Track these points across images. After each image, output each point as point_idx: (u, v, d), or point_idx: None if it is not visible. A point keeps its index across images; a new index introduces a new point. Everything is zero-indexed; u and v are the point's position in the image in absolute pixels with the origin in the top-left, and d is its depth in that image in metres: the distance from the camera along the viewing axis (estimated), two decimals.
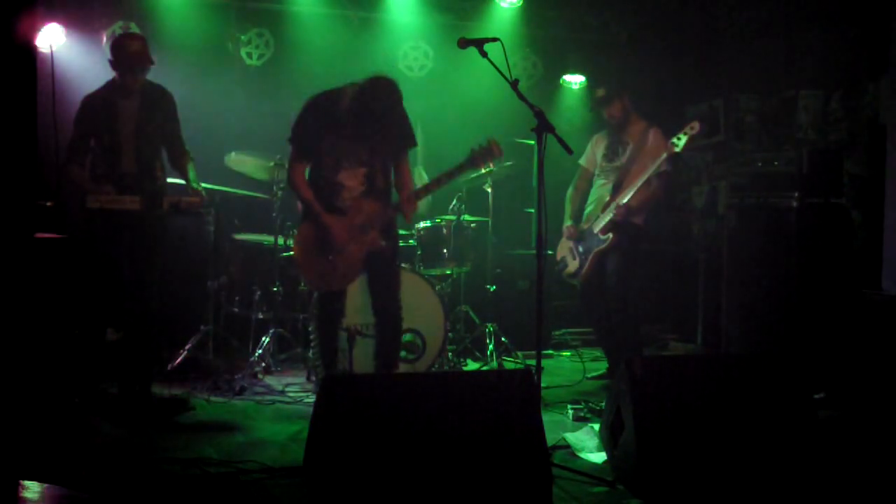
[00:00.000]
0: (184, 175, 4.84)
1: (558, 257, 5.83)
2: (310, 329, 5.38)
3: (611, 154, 5.67)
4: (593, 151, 5.80)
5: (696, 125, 5.37)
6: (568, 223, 5.77)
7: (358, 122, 4.28)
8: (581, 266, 5.64)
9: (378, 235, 4.49)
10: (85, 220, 4.53)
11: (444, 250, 5.76)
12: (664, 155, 5.35)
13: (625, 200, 5.41)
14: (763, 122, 6.58)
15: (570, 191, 5.86)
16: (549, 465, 3.29)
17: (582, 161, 5.82)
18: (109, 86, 4.72)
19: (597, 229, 5.56)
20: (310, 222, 4.51)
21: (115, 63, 4.62)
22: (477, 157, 4.52)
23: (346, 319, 4.75)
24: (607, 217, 5.50)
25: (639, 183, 5.39)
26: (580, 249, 5.67)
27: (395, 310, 4.60)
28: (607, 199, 5.55)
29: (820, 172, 5.34)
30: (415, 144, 4.62)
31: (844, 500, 3.48)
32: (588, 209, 5.72)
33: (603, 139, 5.78)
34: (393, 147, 4.49)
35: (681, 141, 5.32)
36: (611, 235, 5.48)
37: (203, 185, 4.94)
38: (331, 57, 6.50)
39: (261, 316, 5.75)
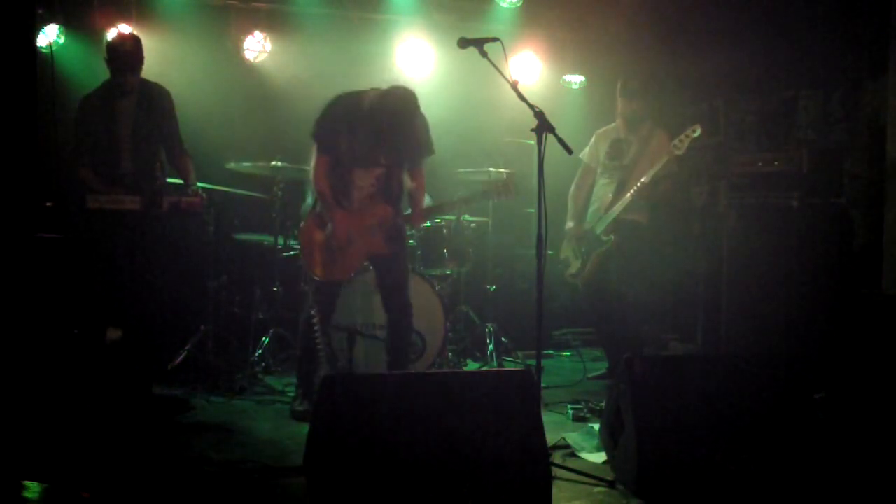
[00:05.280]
0: (183, 174, 4.84)
1: (561, 257, 5.82)
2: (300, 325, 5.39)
3: (615, 152, 5.65)
4: (596, 148, 5.78)
5: (698, 128, 5.35)
6: (570, 224, 5.76)
7: (374, 126, 4.35)
8: (583, 266, 5.63)
9: (382, 239, 4.54)
10: (85, 220, 4.53)
11: (444, 250, 5.76)
12: (665, 158, 5.34)
13: (643, 180, 5.37)
14: (763, 122, 6.56)
15: (572, 189, 5.84)
16: (548, 465, 3.29)
17: (584, 157, 5.80)
18: (106, 86, 4.73)
19: (599, 230, 5.55)
20: (320, 213, 4.56)
21: (109, 63, 4.65)
22: (489, 193, 5.07)
23: (346, 319, 4.75)
24: (610, 217, 5.49)
25: (645, 179, 5.38)
26: (583, 249, 5.66)
27: (404, 307, 4.65)
28: (610, 198, 5.55)
29: (820, 172, 5.33)
30: (432, 153, 4.68)
31: (844, 499, 3.48)
32: (591, 208, 5.71)
33: (606, 136, 5.75)
34: (409, 154, 4.56)
35: (682, 144, 5.32)
36: (612, 236, 5.47)
37: (203, 185, 4.95)
38: (331, 57, 6.49)
39: (261, 316, 5.75)
